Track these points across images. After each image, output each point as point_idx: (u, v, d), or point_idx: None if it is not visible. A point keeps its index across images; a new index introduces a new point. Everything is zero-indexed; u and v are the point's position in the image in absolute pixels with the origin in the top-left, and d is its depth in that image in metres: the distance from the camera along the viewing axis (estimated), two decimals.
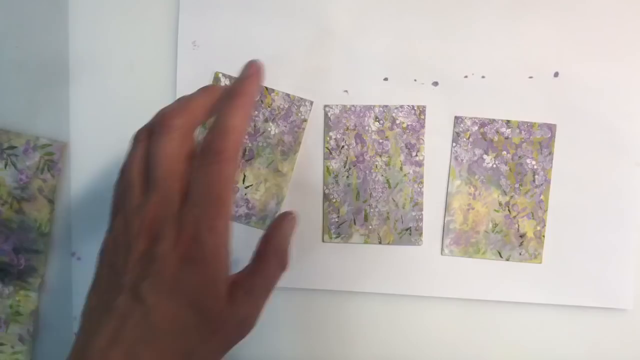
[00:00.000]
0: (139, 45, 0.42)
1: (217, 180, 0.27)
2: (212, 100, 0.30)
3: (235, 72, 0.41)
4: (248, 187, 0.42)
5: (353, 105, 0.41)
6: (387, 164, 0.41)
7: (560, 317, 0.41)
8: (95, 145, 0.42)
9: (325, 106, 0.41)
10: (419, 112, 0.41)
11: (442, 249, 0.41)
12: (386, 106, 0.41)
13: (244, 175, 0.42)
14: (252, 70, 0.30)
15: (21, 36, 0.42)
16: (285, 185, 0.41)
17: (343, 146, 0.41)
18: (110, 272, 0.27)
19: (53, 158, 0.41)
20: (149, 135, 0.29)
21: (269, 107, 0.41)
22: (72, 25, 0.42)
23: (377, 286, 0.42)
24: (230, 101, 0.28)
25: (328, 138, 0.41)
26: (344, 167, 0.41)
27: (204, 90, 0.30)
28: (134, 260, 0.26)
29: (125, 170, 0.29)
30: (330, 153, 0.41)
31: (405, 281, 0.41)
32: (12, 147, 0.41)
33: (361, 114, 0.41)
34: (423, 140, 0.41)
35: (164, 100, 0.41)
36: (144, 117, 0.42)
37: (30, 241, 0.41)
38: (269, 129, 0.41)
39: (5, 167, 0.41)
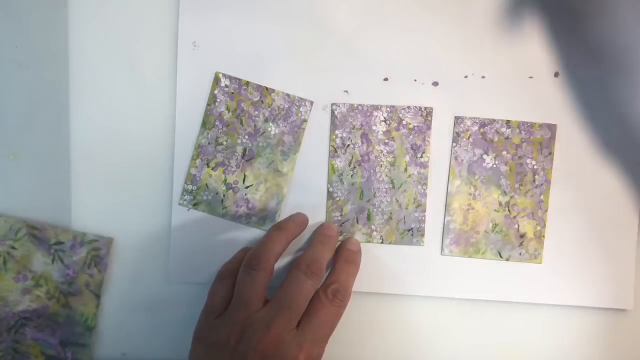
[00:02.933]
0: (139, 45, 0.42)
1: (335, 318, 0.37)
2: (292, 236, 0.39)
3: (235, 72, 0.41)
4: (248, 187, 0.42)
5: (360, 105, 0.41)
6: (392, 165, 0.41)
7: (560, 317, 0.41)
8: (96, 145, 0.42)
9: (332, 104, 0.41)
10: (426, 114, 0.41)
11: (442, 249, 0.41)
12: (393, 106, 0.41)
13: (244, 175, 0.42)
14: (359, 246, 0.41)
15: (21, 36, 0.42)
16: (285, 185, 0.41)
17: (349, 145, 0.41)
18: None
19: (99, 253, 0.42)
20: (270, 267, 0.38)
21: (269, 107, 0.41)
22: (72, 25, 0.42)
23: (377, 286, 0.42)
24: (352, 268, 0.39)
25: (334, 136, 0.41)
26: (349, 166, 0.41)
27: (284, 231, 0.39)
28: None
29: (245, 290, 0.37)
30: (336, 151, 0.41)
31: (405, 281, 0.41)
32: (60, 243, 0.42)
33: (368, 114, 0.41)
34: (429, 141, 0.41)
35: (164, 100, 0.42)
36: (144, 117, 0.42)
37: (77, 335, 0.42)
38: (269, 129, 0.41)
39: (53, 262, 0.42)
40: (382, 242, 0.41)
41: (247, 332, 0.35)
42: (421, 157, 0.41)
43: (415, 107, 0.41)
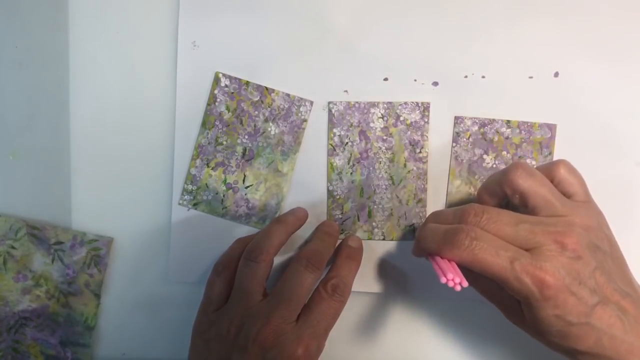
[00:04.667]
0: (139, 45, 0.42)
1: (335, 313, 0.36)
2: (292, 230, 0.39)
3: (235, 72, 0.41)
4: (248, 187, 0.42)
5: (357, 102, 0.41)
6: (391, 161, 0.41)
7: None
8: (96, 145, 0.42)
9: (330, 103, 0.41)
10: (423, 109, 0.41)
11: None
12: (390, 103, 0.41)
13: (244, 175, 0.42)
14: (360, 243, 0.40)
15: (21, 36, 0.42)
16: (285, 185, 0.41)
17: (347, 143, 0.41)
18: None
19: (99, 253, 0.42)
20: (268, 258, 0.37)
21: (269, 107, 0.41)
22: (72, 25, 0.42)
23: (378, 286, 0.42)
24: (353, 264, 0.39)
25: (332, 135, 0.41)
26: (348, 164, 0.41)
27: (284, 224, 0.39)
28: None
29: (245, 282, 0.37)
30: (334, 150, 0.41)
31: (405, 281, 0.41)
32: (60, 243, 0.42)
33: (365, 111, 0.41)
34: (427, 136, 0.41)
35: (164, 101, 0.42)
36: (144, 117, 0.42)
37: (77, 335, 0.42)
38: (269, 129, 0.41)
39: (53, 262, 0.42)
40: (383, 239, 0.41)
41: (247, 324, 0.35)
42: (420, 152, 0.41)
43: (412, 102, 0.41)
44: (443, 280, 0.32)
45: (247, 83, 0.41)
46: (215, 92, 0.41)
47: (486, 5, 0.40)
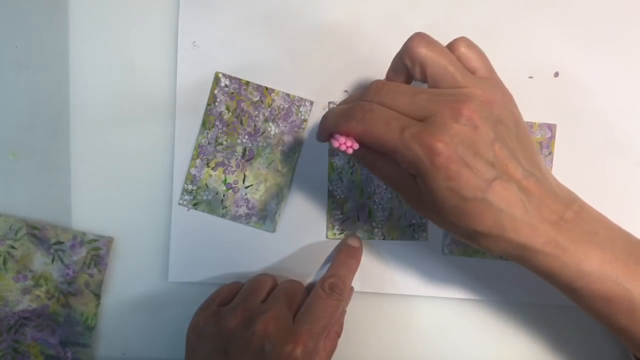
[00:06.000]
0: (139, 45, 0.42)
1: (333, 311, 0.37)
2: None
3: (235, 72, 0.41)
4: (248, 187, 0.42)
5: None
6: None
7: (560, 317, 0.41)
8: (96, 145, 0.42)
9: (330, 103, 0.41)
10: None
11: (442, 249, 0.41)
12: None
13: (244, 175, 0.42)
14: (360, 242, 0.41)
15: (21, 36, 0.42)
16: (285, 185, 0.41)
17: None
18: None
19: (100, 253, 0.42)
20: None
21: (269, 107, 0.41)
22: (72, 25, 0.42)
23: (378, 286, 0.42)
24: (352, 263, 0.40)
25: None
26: (348, 164, 0.41)
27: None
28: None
29: (257, 284, 0.39)
30: (334, 150, 0.41)
31: (405, 281, 0.41)
32: (60, 243, 0.42)
33: None
34: None
35: (164, 101, 0.42)
36: (144, 118, 0.42)
37: (77, 335, 0.42)
38: (269, 129, 0.41)
39: (53, 262, 0.42)
40: (384, 239, 0.41)
41: (249, 319, 0.36)
42: None
43: None
44: (335, 144, 0.31)
45: (247, 83, 0.41)
46: (215, 92, 0.41)
47: (486, 5, 0.40)
